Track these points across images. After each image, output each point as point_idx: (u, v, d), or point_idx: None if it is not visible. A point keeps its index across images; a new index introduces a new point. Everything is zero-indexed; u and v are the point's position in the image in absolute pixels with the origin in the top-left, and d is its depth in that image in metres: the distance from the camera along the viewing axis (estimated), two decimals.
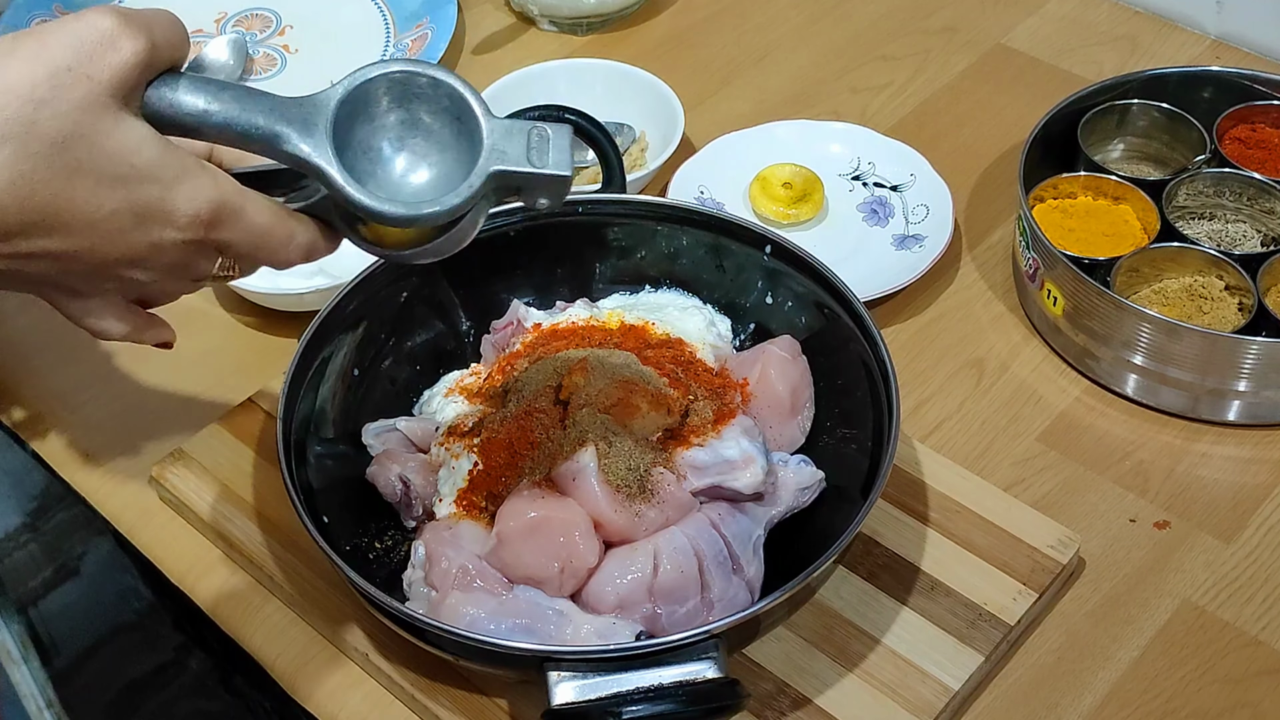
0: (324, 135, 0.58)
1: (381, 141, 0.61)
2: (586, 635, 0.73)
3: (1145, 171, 1.06)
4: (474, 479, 0.79)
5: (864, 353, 0.82)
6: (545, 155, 0.61)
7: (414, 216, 0.59)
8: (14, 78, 0.54)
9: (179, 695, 1.57)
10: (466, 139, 0.61)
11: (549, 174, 0.61)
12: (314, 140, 0.58)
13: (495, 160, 0.60)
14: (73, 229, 0.56)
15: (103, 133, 0.55)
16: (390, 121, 0.61)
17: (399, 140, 0.61)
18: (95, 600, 1.62)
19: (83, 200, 0.56)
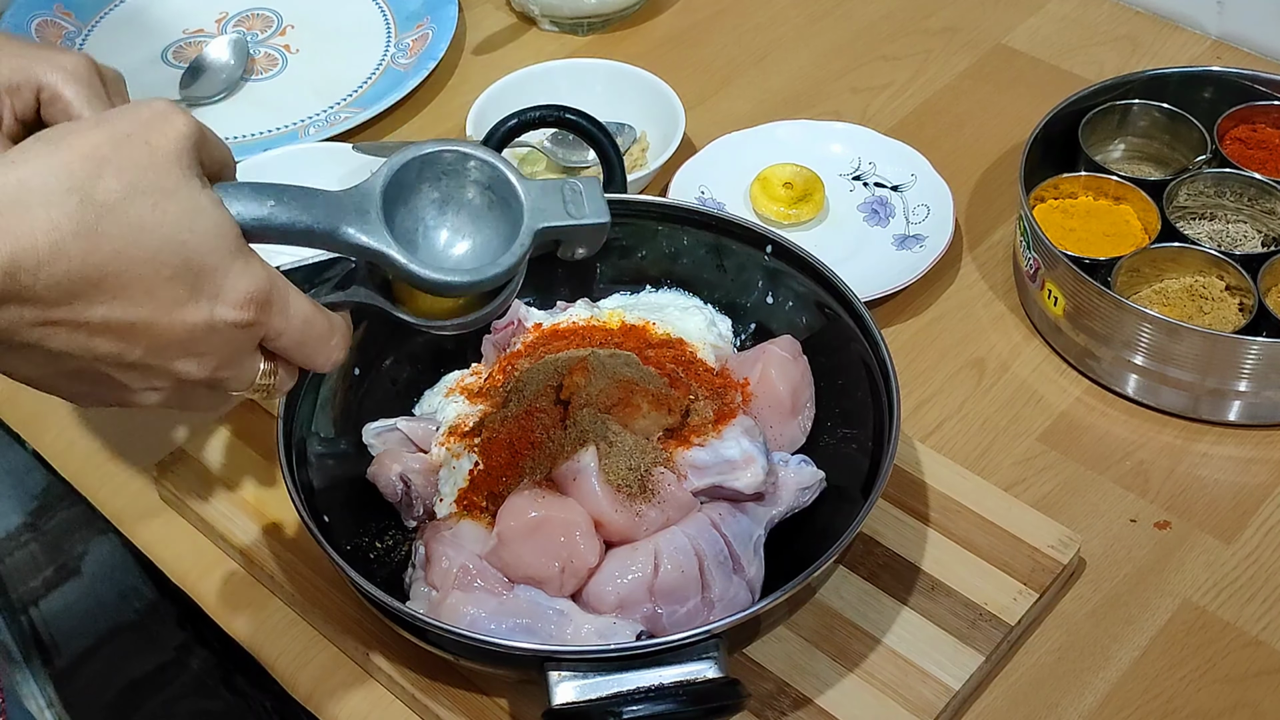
0: (379, 221, 0.60)
1: (423, 220, 0.63)
2: (587, 635, 0.73)
3: (1146, 172, 1.06)
4: (475, 479, 0.79)
5: (864, 353, 0.82)
6: (582, 206, 0.65)
7: (477, 281, 0.62)
8: (77, 141, 0.55)
9: (180, 694, 1.57)
10: (500, 207, 0.64)
11: (590, 223, 0.64)
12: (371, 228, 0.60)
13: (539, 219, 0.63)
14: (132, 294, 0.55)
15: (165, 191, 0.55)
16: (428, 200, 0.64)
17: (439, 216, 0.64)
18: (96, 600, 1.62)
19: (144, 260, 0.54)
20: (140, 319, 0.55)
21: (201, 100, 1.20)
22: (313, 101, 1.20)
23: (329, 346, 0.62)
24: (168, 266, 0.55)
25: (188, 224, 0.55)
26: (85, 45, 1.27)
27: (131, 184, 0.54)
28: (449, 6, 1.26)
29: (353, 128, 1.15)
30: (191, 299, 0.56)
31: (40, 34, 1.26)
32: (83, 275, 0.53)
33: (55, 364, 0.57)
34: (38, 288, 0.53)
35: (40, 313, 0.54)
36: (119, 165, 0.54)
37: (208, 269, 0.56)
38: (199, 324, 0.57)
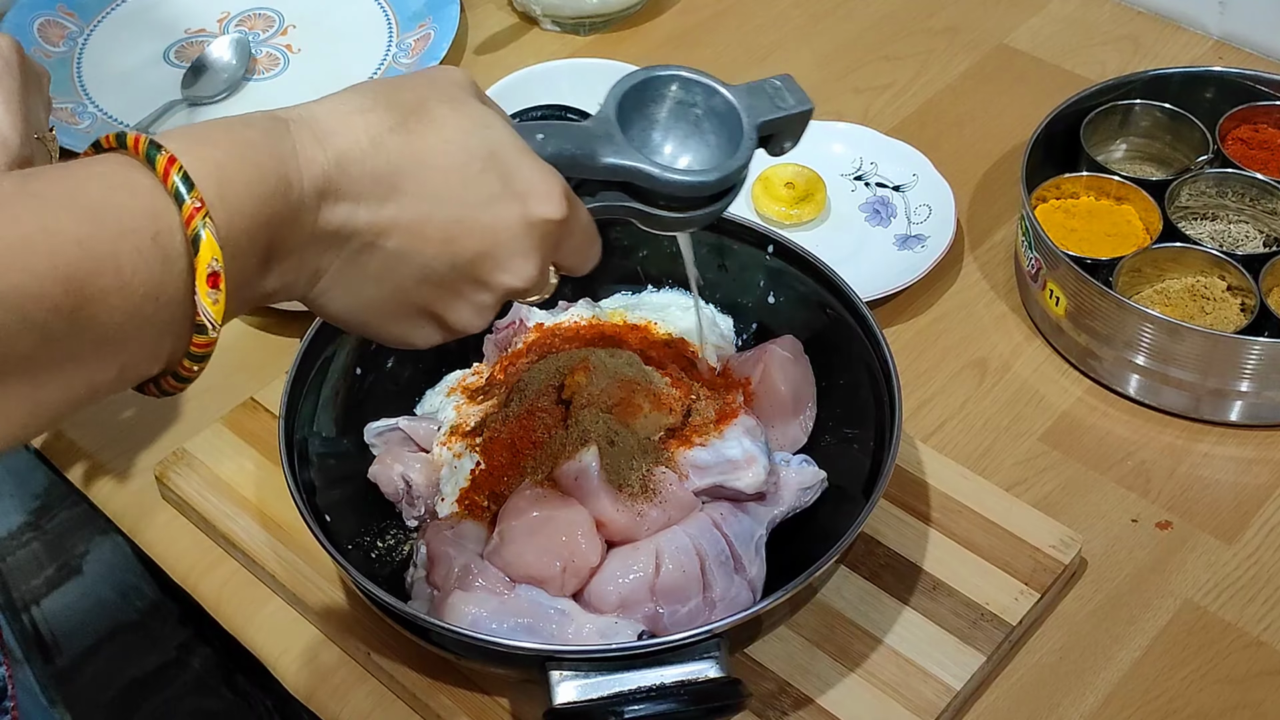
0: (625, 142, 0.65)
1: (650, 137, 0.69)
2: (588, 634, 0.73)
3: (1148, 172, 1.06)
4: (476, 478, 0.79)
5: (866, 353, 0.82)
6: (786, 98, 0.69)
7: (723, 176, 0.66)
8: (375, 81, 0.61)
9: (181, 693, 1.57)
10: (712, 117, 0.69)
11: (799, 110, 0.69)
12: (621, 149, 0.65)
13: (756, 115, 0.68)
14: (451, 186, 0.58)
15: (458, 100, 0.59)
16: (651, 120, 0.69)
17: (663, 133, 0.69)
18: (97, 599, 1.62)
19: (455, 150, 0.58)
20: (464, 212, 0.58)
21: (203, 100, 1.20)
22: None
23: (597, 249, 0.66)
24: (477, 158, 0.58)
25: (485, 122, 0.59)
26: (87, 45, 1.27)
27: (427, 94, 0.59)
28: (451, 6, 1.26)
29: None
30: (505, 194, 0.59)
31: (42, 34, 1.27)
32: (402, 169, 0.57)
33: (390, 277, 0.59)
34: (365, 181, 0.56)
35: (373, 208, 0.56)
36: (413, 84, 0.60)
37: (511, 164, 0.59)
38: (515, 219, 0.59)
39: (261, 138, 0.54)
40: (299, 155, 0.55)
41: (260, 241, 0.54)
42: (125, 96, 1.21)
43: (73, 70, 1.24)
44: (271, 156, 0.54)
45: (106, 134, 0.53)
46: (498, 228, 0.59)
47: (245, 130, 0.54)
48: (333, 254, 0.57)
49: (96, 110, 1.20)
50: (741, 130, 0.67)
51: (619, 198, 0.66)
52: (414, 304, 0.61)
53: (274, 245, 0.55)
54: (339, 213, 0.56)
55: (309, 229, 0.56)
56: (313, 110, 0.57)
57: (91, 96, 1.22)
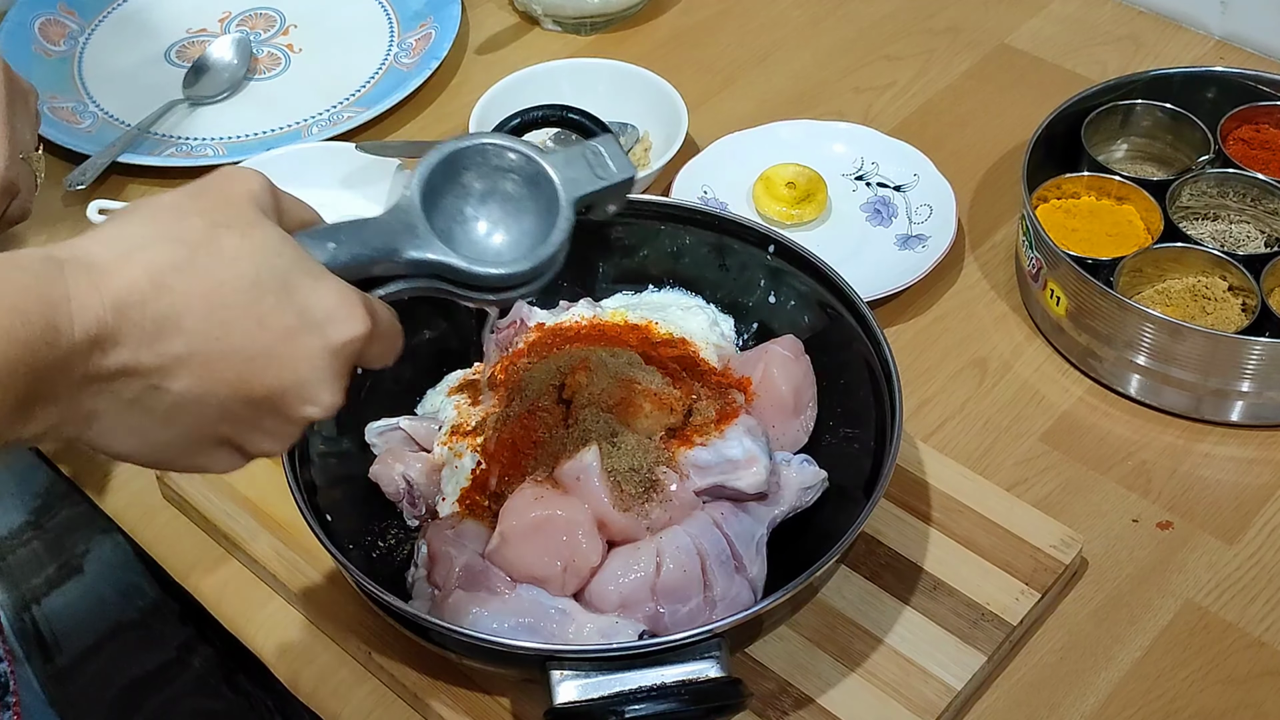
0: (429, 233, 0.62)
1: (459, 216, 0.66)
2: (589, 634, 0.73)
3: (1149, 172, 1.06)
4: (477, 478, 0.79)
5: (867, 352, 0.82)
6: (608, 166, 0.67)
7: (534, 266, 0.64)
8: (155, 202, 0.57)
9: (182, 693, 1.57)
10: (528, 186, 0.66)
11: (620, 180, 0.67)
12: (424, 242, 0.62)
13: (573, 190, 0.66)
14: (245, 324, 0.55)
15: (248, 223, 0.56)
16: (459, 197, 0.66)
17: (474, 209, 0.66)
18: (98, 598, 1.62)
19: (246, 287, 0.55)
20: (259, 347, 0.56)
21: (204, 99, 1.21)
22: (315, 101, 1.20)
23: (399, 343, 0.64)
24: (269, 291, 0.56)
25: (275, 249, 0.57)
26: (88, 44, 1.27)
27: (214, 222, 0.56)
28: (452, 6, 1.26)
29: (355, 127, 1.15)
30: (301, 326, 0.56)
31: (43, 33, 1.27)
32: (187, 308, 0.54)
33: (179, 419, 0.56)
34: (147, 324, 0.53)
35: (156, 352, 0.54)
36: (199, 209, 0.56)
37: (305, 292, 0.57)
38: (317, 350, 0.57)
39: (31, 283, 0.51)
40: (71, 301, 0.52)
41: (16, 389, 0.51)
42: (126, 96, 1.21)
43: (74, 70, 1.24)
44: (38, 302, 0.51)
45: None
46: (297, 361, 0.57)
47: (13, 274, 0.51)
48: (108, 397, 0.54)
49: (98, 110, 1.20)
50: (559, 211, 0.65)
51: (430, 283, 0.64)
52: (208, 439, 0.58)
53: (34, 393, 0.51)
54: (116, 358, 0.53)
55: (79, 374, 0.53)
56: (90, 249, 0.54)
57: (93, 96, 1.22)
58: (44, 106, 1.18)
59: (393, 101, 1.17)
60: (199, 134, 1.18)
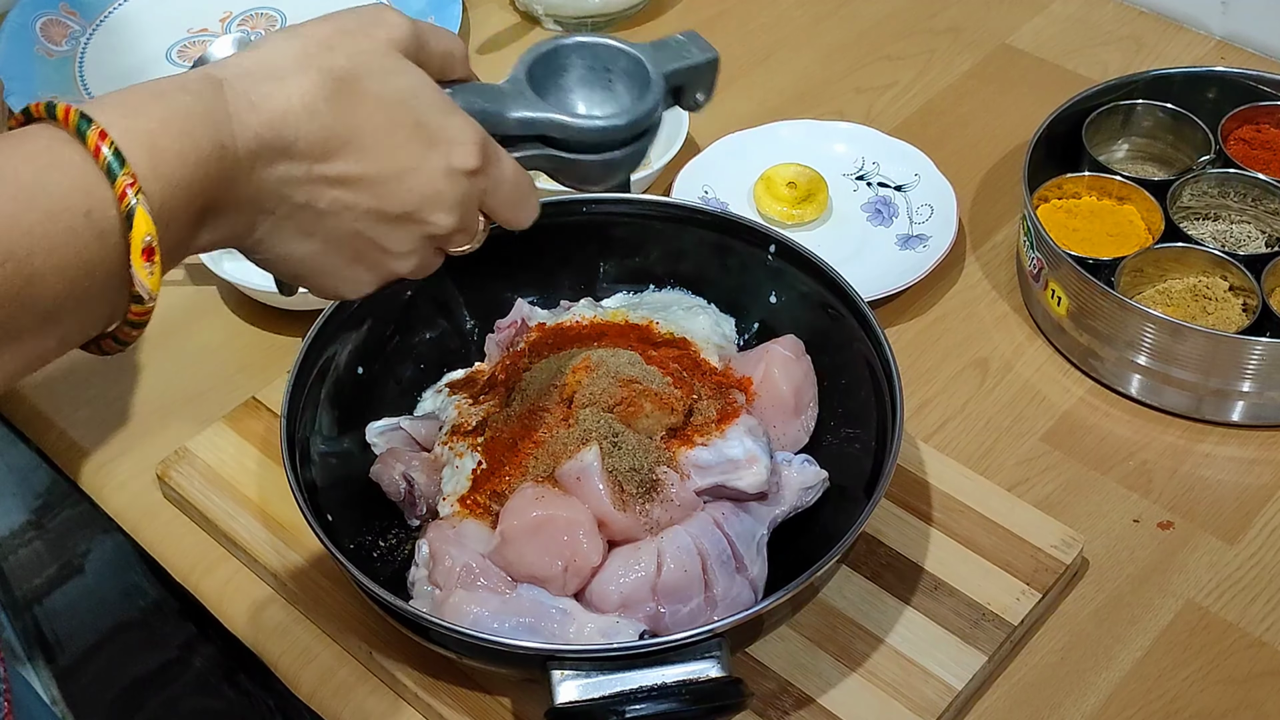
0: (535, 98, 0.69)
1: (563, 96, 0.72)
2: (590, 634, 0.73)
3: (1150, 172, 1.06)
4: (478, 478, 0.79)
5: (868, 352, 0.82)
6: (692, 50, 0.75)
7: (633, 120, 0.70)
8: (309, 30, 0.61)
9: (183, 692, 1.57)
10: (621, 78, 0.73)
11: (704, 59, 0.75)
12: (530, 103, 0.69)
13: (661, 65, 0.72)
14: (381, 149, 0.60)
15: (388, 70, 0.61)
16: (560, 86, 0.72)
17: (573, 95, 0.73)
18: (99, 598, 1.62)
19: (383, 120, 0.60)
20: (393, 170, 0.61)
21: None
22: None
23: (532, 202, 0.69)
24: (403, 126, 0.61)
25: (412, 92, 0.62)
26: (89, 44, 1.27)
27: (360, 64, 0.60)
28: (453, 6, 1.26)
29: None
30: (429, 149, 0.62)
31: (45, 33, 1.27)
32: (335, 133, 0.59)
33: (324, 230, 0.61)
34: (300, 144, 0.58)
35: (307, 167, 0.59)
36: (347, 50, 0.60)
37: (435, 124, 0.62)
38: (440, 171, 0.62)
39: (195, 103, 0.55)
40: (233, 120, 0.56)
41: (195, 206, 0.55)
42: None
43: (75, 70, 1.24)
44: (205, 123, 0.55)
45: (35, 102, 0.54)
46: (422, 181, 0.62)
47: (179, 96, 0.55)
48: (267, 210, 0.59)
49: None
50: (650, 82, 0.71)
51: (538, 148, 0.70)
52: (346, 254, 0.63)
53: (209, 207, 0.56)
54: (273, 173, 0.58)
55: (243, 189, 0.57)
56: (248, 68, 0.58)
57: (94, 96, 1.21)
58: None
59: None
60: None
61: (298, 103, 0.58)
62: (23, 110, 0.54)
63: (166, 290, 1.03)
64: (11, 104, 1.16)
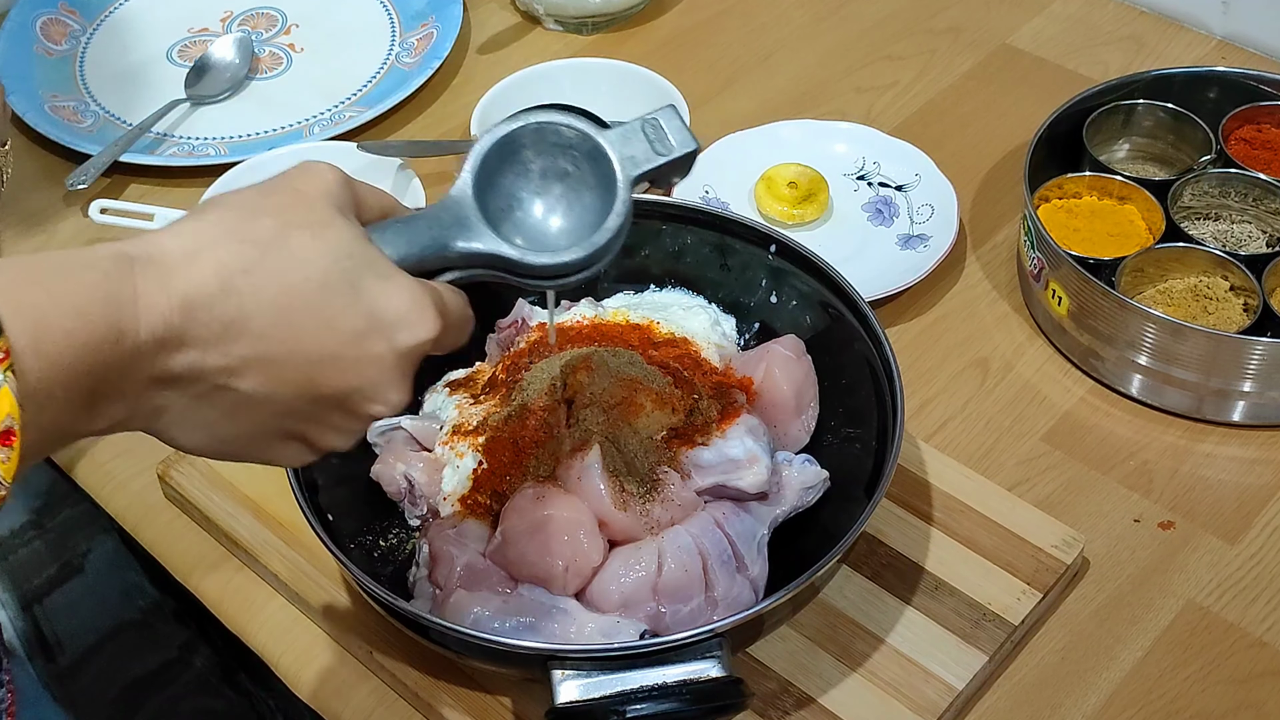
0: (481, 224, 0.62)
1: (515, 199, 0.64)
2: (590, 634, 0.73)
3: (1150, 172, 1.06)
4: (478, 478, 0.79)
5: (868, 352, 0.82)
6: (667, 140, 0.65)
7: (591, 254, 0.63)
8: (228, 199, 0.57)
9: (183, 692, 1.57)
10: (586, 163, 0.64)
11: (680, 155, 0.65)
12: (476, 233, 0.61)
13: (631, 169, 0.64)
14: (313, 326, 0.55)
15: (321, 223, 0.56)
16: (514, 180, 0.64)
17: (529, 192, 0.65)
18: (100, 597, 1.62)
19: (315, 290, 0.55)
20: (325, 354, 0.56)
21: (206, 99, 1.21)
22: (317, 100, 1.20)
23: (470, 327, 0.63)
24: (338, 294, 0.55)
25: (346, 249, 0.56)
26: (90, 44, 1.27)
27: (286, 221, 0.55)
28: (453, 6, 1.26)
29: (357, 126, 1.15)
30: (370, 330, 0.56)
31: (45, 32, 1.27)
32: (256, 310, 0.54)
33: (246, 415, 0.56)
34: (214, 326, 0.53)
35: (224, 351, 0.54)
36: (271, 208, 0.56)
37: (375, 294, 0.56)
38: (384, 353, 0.57)
39: (100, 281, 0.51)
40: (138, 301, 0.52)
41: (82, 388, 0.51)
42: (128, 95, 1.21)
43: (75, 69, 1.24)
44: (105, 304, 0.51)
45: None
46: (364, 364, 0.57)
47: (84, 273, 0.51)
48: (176, 394, 0.55)
49: (99, 109, 1.20)
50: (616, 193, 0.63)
51: (488, 271, 0.63)
52: (276, 434, 0.58)
53: (100, 391, 0.52)
54: (183, 359, 0.53)
55: (146, 374, 0.53)
56: (163, 245, 0.54)
57: (94, 95, 1.22)
58: (45, 106, 1.18)
59: (394, 101, 1.17)
60: (200, 133, 1.18)
61: (213, 280, 0.53)
62: None
63: None
64: (12, 104, 1.16)
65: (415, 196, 1.04)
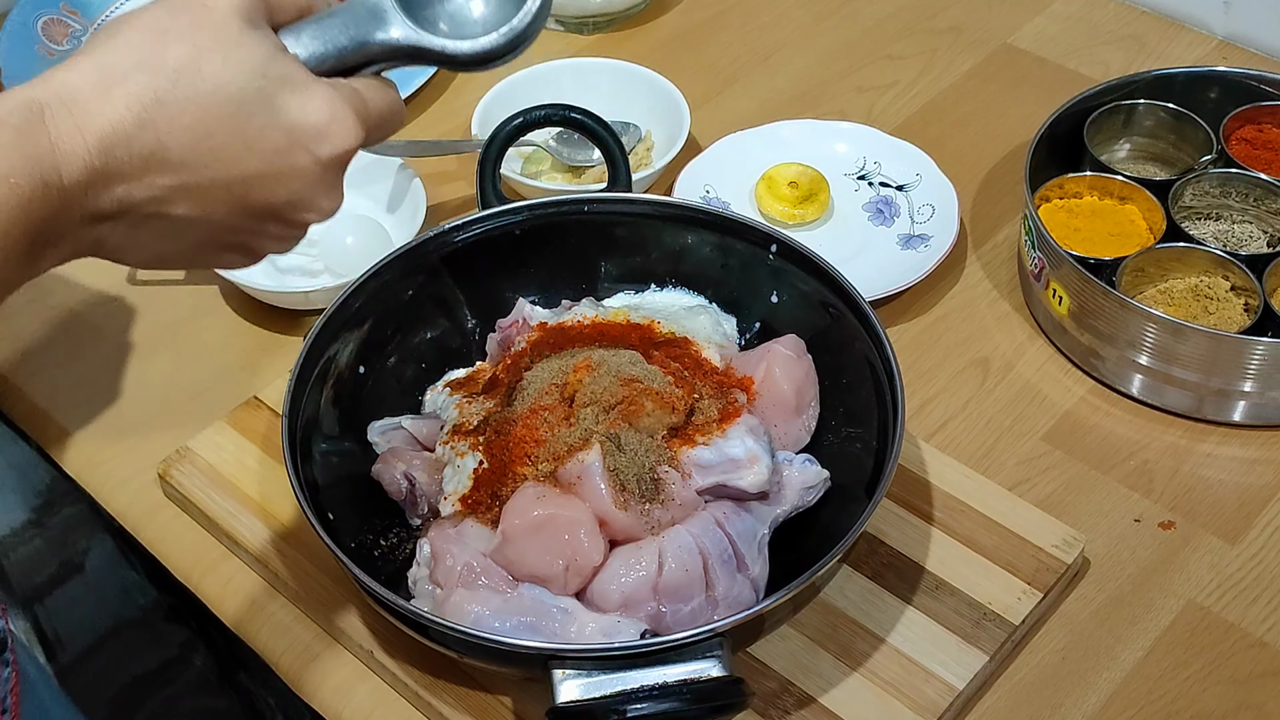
0: (399, 14, 0.61)
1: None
2: (591, 633, 0.73)
3: (1151, 171, 1.06)
4: (479, 477, 0.79)
5: (869, 352, 0.82)
6: None
7: (513, 38, 0.62)
8: (135, 20, 0.56)
9: (184, 691, 1.57)
10: None
11: None
12: (395, 23, 0.61)
13: None
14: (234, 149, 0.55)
15: (232, 43, 0.55)
16: None
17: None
18: (100, 596, 1.62)
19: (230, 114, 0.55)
20: (249, 172, 0.56)
21: None
22: None
23: (399, 121, 0.63)
24: (255, 114, 0.55)
25: (260, 67, 0.56)
26: None
27: (195, 44, 0.55)
28: None
29: None
30: (292, 144, 0.56)
31: (46, 32, 1.27)
32: (174, 140, 0.54)
33: (185, 234, 0.57)
34: (135, 161, 0.53)
35: (150, 182, 0.54)
36: (180, 31, 0.55)
37: (293, 108, 0.56)
38: (308, 166, 0.57)
39: (13, 139, 0.51)
40: (56, 150, 0.52)
41: (20, 243, 0.52)
42: None
43: None
44: (25, 159, 0.51)
45: None
46: (290, 178, 0.57)
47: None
48: (110, 226, 0.55)
49: None
50: None
51: (411, 63, 0.63)
52: (216, 247, 0.59)
53: (39, 240, 0.53)
54: (110, 196, 0.54)
55: (77, 216, 0.54)
56: (71, 85, 0.53)
57: None
58: None
59: None
60: None
61: (128, 115, 0.53)
62: None
63: (169, 289, 1.03)
64: None
65: (417, 196, 1.04)
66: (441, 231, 0.89)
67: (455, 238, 0.89)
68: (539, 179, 1.08)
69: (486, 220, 0.90)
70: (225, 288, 1.03)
